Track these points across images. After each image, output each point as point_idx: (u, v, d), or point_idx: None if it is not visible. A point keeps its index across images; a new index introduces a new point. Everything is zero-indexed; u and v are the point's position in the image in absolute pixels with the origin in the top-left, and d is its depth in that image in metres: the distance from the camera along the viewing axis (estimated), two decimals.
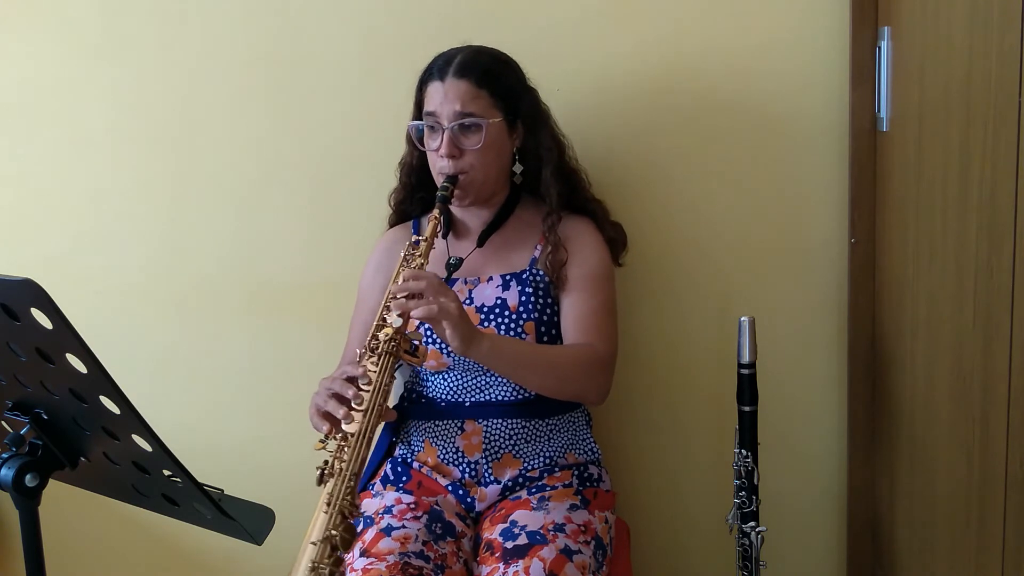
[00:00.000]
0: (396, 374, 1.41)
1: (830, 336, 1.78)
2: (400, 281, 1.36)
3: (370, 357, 1.34)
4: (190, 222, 1.87)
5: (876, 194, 1.66)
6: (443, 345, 1.49)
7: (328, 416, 1.31)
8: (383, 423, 1.48)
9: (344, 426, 1.29)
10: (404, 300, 1.32)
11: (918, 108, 1.47)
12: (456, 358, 1.50)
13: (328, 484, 1.24)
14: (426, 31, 1.72)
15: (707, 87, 1.73)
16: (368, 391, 1.30)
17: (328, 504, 1.22)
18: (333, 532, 1.19)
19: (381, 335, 1.35)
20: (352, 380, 1.32)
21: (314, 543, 1.19)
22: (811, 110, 1.71)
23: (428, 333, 1.50)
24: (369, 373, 1.32)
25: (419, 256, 1.42)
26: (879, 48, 1.59)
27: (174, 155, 1.86)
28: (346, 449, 1.27)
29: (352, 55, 1.79)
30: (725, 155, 1.75)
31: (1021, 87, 1.14)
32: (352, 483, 1.24)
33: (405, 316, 1.32)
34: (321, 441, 1.31)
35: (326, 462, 1.28)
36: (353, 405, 1.29)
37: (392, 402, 1.53)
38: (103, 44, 1.83)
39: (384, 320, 1.37)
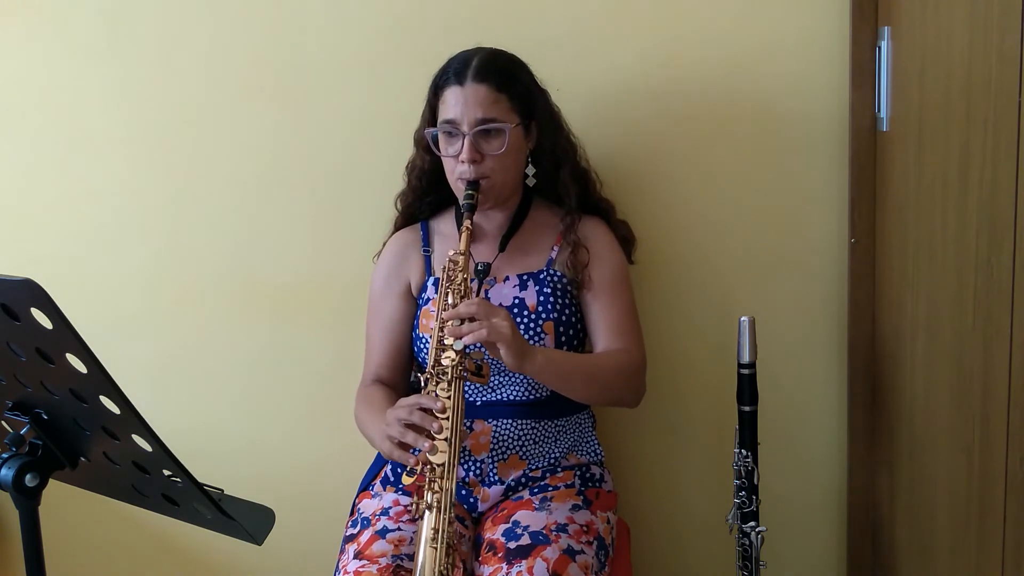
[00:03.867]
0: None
1: (830, 336, 1.78)
2: (448, 300, 1.37)
3: (437, 383, 1.35)
4: (193, 222, 1.87)
5: (876, 194, 1.66)
6: None
7: (409, 448, 1.32)
8: None
9: (430, 457, 1.30)
10: (457, 327, 1.32)
11: (918, 108, 1.47)
12: None
13: (428, 518, 1.26)
14: (433, 32, 1.72)
15: (707, 87, 1.73)
16: (446, 419, 1.31)
17: (434, 540, 1.23)
18: (445, 565, 1.22)
19: (445, 360, 1.35)
20: (428, 411, 1.32)
21: None
22: (811, 110, 1.71)
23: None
24: (444, 401, 1.32)
25: (460, 271, 1.41)
26: (879, 48, 1.59)
27: (178, 155, 1.85)
28: (437, 481, 1.28)
29: (358, 55, 1.78)
30: (725, 155, 1.75)
31: (1021, 87, 1.14)
32: (451, 513, 1.26)
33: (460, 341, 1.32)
34: (408, 474, 1.33)
35: (419, 494, 1.29)
36: (435, 435, 1.30)
37: None
38: (105, 43, 1.82)
39: (442, 342, 1.37)
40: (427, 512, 1.26)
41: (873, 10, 1.60)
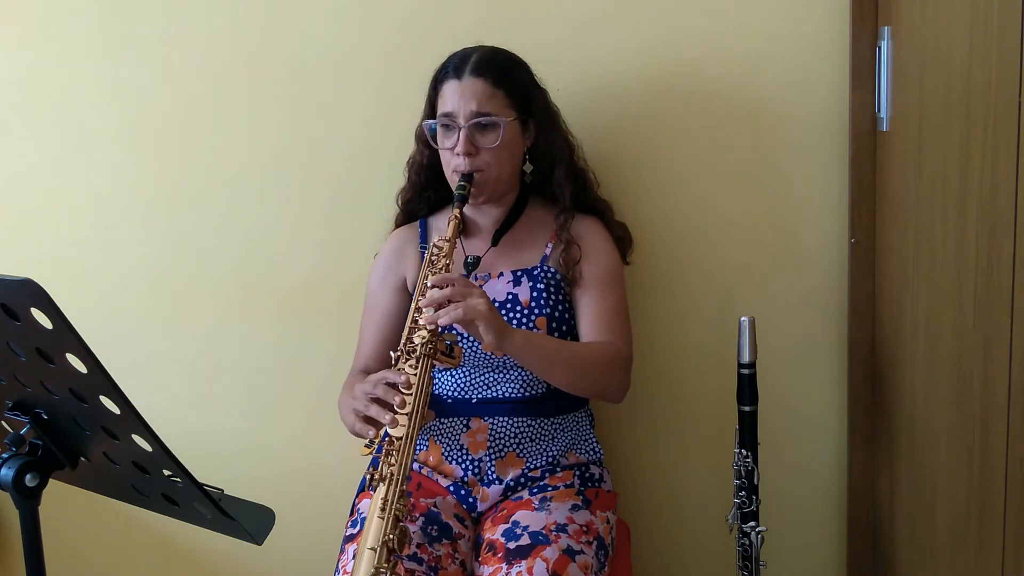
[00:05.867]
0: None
1: (830, 336, 1.78)
2: (428, 284, 1.37)
3: (407, 360, 1.35)
4: (193, 222, 1.87)
5: (876, 194, 1.66)
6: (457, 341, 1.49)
7: (372, 422, 1.32)
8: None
9: (389, 431, 1.30)
10: (433, 308, 1.31)
11: (918, 108, 1.47)
12: (467, 354, 1.50)
13: (380, 489, 1.25)
14: (433, 31, 1.72)
15: (707, 87, 1.73)
16: (410, 395, 1.30)
17: (383, 509, 1.22)
18: (390, 536, 1.20)
19: (416, 338, 1.36)
20: (392, 385, 1.32)
21: (372, 549, 1.19)
22: (811, 110, 1.71)
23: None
24: (409, 377, 1.32)
25: (444, 257, 1.43)
26: (879, 48, 1.60)
27: (178, 154, 1.85)
28: (394, 454, 1.28)
29: (359, 54, 1.78)
30: (725, 155, 1.75)
31: (1021, 87, 1.14)
32: (403, 487, 1.25)
33: (435, 324, 1.32)
34: (367, 446, 1.33)
35: (374, 467, 1.28)
36: (396, 409, 1.29)
37: None
38: (108, 44, 1.83)
39: (416, 322, 1.37)
40: (380, 484, 1.26)
41: (873, 10, 1.60)
